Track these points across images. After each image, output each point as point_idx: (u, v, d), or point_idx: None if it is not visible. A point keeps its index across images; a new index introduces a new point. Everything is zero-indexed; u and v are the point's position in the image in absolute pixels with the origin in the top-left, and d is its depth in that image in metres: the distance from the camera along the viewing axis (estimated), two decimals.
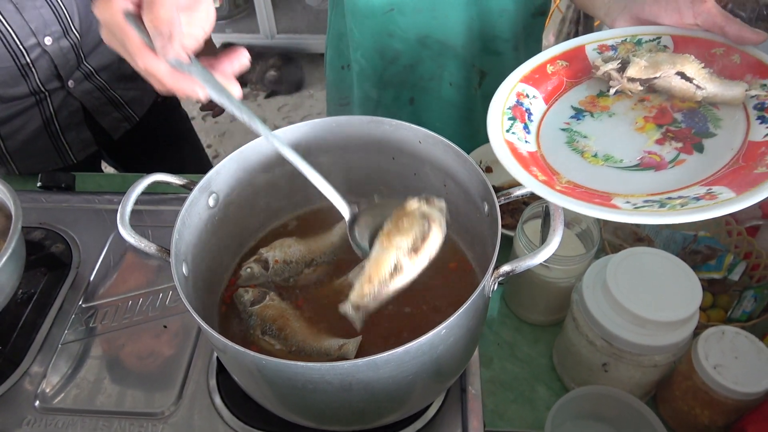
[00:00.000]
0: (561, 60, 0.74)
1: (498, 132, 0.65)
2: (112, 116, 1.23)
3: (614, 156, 0.63)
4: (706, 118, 0.64)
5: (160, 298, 0.81)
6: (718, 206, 0.52)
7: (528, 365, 0.84)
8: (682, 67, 0.64)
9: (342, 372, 0.49)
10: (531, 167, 0.61)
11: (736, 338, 0.70)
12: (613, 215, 0.53)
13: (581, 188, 0.60)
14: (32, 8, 1.01)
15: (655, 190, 0.58)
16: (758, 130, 0.60)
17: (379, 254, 0.56)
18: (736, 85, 0.63)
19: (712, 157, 0.59)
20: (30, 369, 0.75)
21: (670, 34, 0.70)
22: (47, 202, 0.98)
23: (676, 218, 0.52)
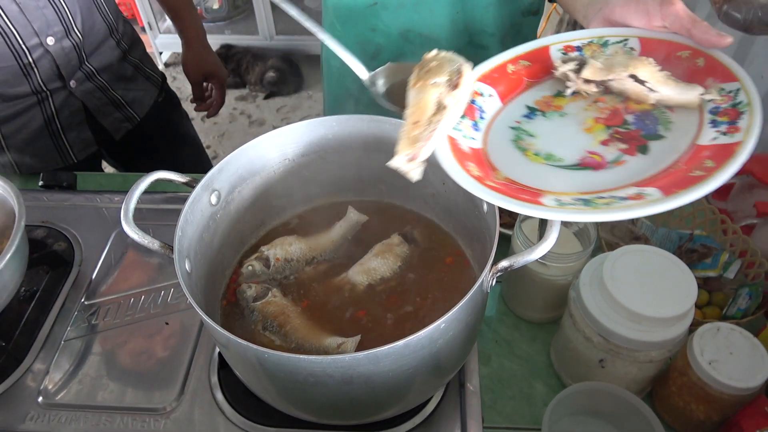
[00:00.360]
0: (523, 60, 0.73)
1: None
2: (113, 116, 1.23)
3: (555, 155, 0.63)
4: (657, 120, 0.64)
5: (161, 296, 0.82)
6: (643, 206, 0.51)
7: (526, 362, 0.84)
8: (635, 70, 0.64)
9: (343, 365, 0.50)
10: (467, 162, 0.61)
11: (731, 334, 0.71)
12: (532, 211, 0.53)
13: (516, 185, 0.60)
14: (35, 8, 1.02)
15: (589, 189, 0.57)
16: (707, 134, 0.59)
17: (418, 97, 0.55)
18: (691, 89, 0.62)
19: (655, 159, 0.59)
20: (33, 366, 0.76)
21: (638, 36, 0.70)
22: (49, 200, 0.99)
23: (595, 216, 0.52)
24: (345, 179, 0.79)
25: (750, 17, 1.02)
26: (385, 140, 0.73)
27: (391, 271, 0.71)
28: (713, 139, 0.57)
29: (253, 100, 3.06)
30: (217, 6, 3.18)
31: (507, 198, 0.55)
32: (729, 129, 0.57)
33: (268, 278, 0.72)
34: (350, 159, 0.76)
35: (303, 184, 0.78)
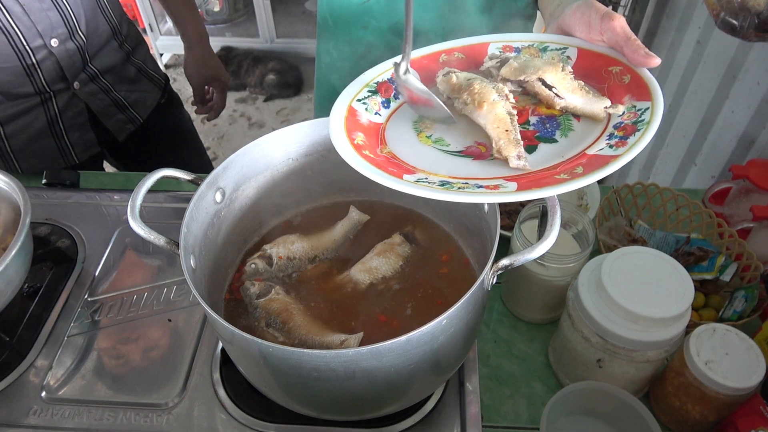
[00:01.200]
0: (458, 52, 0.75)
1: (344, 99, 0.69)
2: (116, 118, 1.24)
3: (444, 140, 0.65)
4: (558, 126, 0.65)
5: (164, 293, 0.83)
6: (491, 194, 0.54)
7: (524, 362, 0.85)
8: (544, 74, 0.65)
9: (346, 360, 0.51)
10: (356, 132, 0.64)
11: (727, 335, 0.72)
12: (385, 181, 0.56)
13: (396, 160, 0.62)
14: (39, 10, 1.03)
15: (460, 174, 0.60)
16: (598, 145, 0.60)
17: (493, 114, 0.61)
18: (598, 101, 0.63)
19: (538, 160, 0.60)
20: (36, 361, 0.77)
21: (577, 47, 0.71)
22: (52, 198, 0.99)
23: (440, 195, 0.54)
24: (347, 179, 0.80)
25: (746, 24, 1.03)
26: None
27: (392, 270, 0.72)
28: (599, 150, 0.58)
29: (253, 103, 3.07)
30: (217, 8, 3.19)
31: (370, 166, 0.58)
32: (617, 143, 0.58)
33: (271, 276, 0.73)
34: None
35: (306, 183, 0.79)
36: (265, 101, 3.06)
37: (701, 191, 1.06)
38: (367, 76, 0.72)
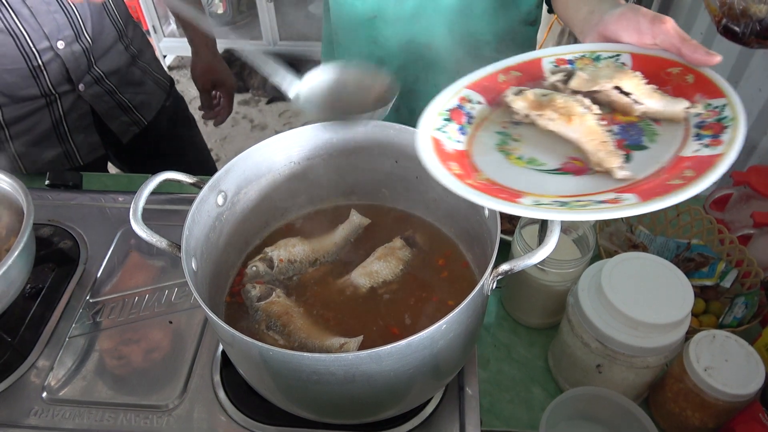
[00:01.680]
0: (515, 70, 0.75)
1: (426, 129, 0.67)
2: (120, 120, 1.25)
3: (538, 159, 0.64)
4: (642, 132, 0.65)
5: (165, 295, 0.83)
6: (617, 209, 0.52)
7: (524, 367, 0.85)
8: (620, 82, 0.65)
9: (346, 363, 0.51)
10: (449, 162, 0.63)
11: (727, 342, 0.72)
12: (508, 208, 0.54)
13: (497, 186, 0.61)
14: (46, 12, 1.03)
15: (568, 192, 0.59)
16: (690, 146, 0.60)
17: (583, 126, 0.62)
18: (677, 103, 0.64)
19: (637, 168, 0.60)
20: (37, 362, 0.77)
21: (630, 52, 0.71)
22: (55, 199, 1.00)
23: (567, 215, 0.53)
24: (349, 183, 0.80)
25: (748, 32, 1.04)
26: (389, 145, 0.74)
27: (393, 274, 0.72)
28: (695, 151, 0.58)
29: (256, 105, 3.08)
30: (221, 11, 3.20)
31: (484, 195, 0.56)
32: (712, 142, 0.58)
33: (272, 279, 0.73)
34: (354, 163, 0.77)
35: (308, 187, 0.79)
36: (267, 103, 3.06)
37: (702, 197, 1.06)
38: (438, 105, 0.71)
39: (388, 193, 0.81)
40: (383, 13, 0.97)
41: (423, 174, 0.74)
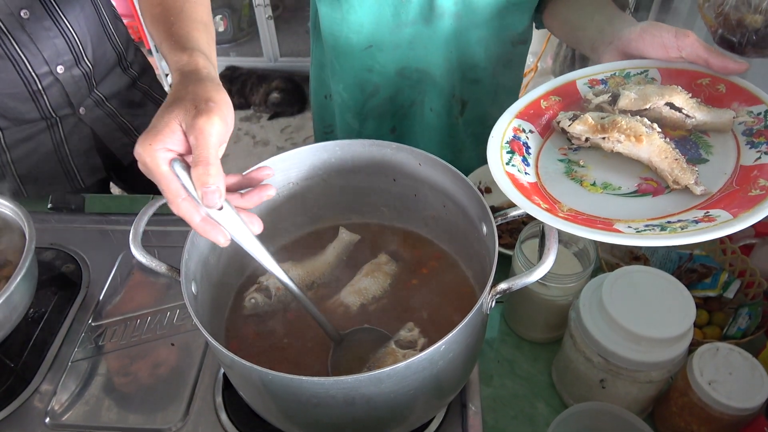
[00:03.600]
0: (553, 95, 0.76)
1: (498, 165, 0.67)
2: (121, 142, 1.25)
3: (612, 184, 0.66)
4: (697, 145, 0.67)
5: (167, 317, 0.83)
6: (718, 228, 0.54)
7: (528, 382, 0.85)
8: (671, 98, 0.67)
9: (345, 386, 0.51)
10: (533, 197, 0.64)
11: (730, 354, 0.71)
12: (617, 239, 0.55)
13: (583, 215, 0.62)
14: (46, 38, 1.04)
15: (654, 214, 0.60)
16: (749, 155, 0.62)
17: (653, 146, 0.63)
18: (724, 113, 0.65)
19: (707, 181, 0.62)
20: (40, 386, 0.77)
21: (657, 67, 0.73)
22: (57, 223, 1.01)
23: (678, 240, 0.54)
24: (348, 202, 0.81)
25: (744, 41, 1.04)
26: (386, 164, 0.74)
27: (381, 290, 0.72)
28: (757, 160, 0.60)
29: (258, 121, 3.09)
30: (222, 29, 3.23)
31: (585, 228, 0.57)
32: None
33: (272, 308, 0.73)
34: (353, 182, 0.78)
35: (306, 207, 0.80)
36: (269, 119, 3.08)
37: None
38: (497, 138, 0.71)
39: (387, 212, 0.81)
40: (379, 43, 0.98)
41: (421, 191, 0.76)
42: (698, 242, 0.53)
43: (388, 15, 0.93)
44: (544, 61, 2.06)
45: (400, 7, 0.92)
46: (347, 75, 1.04)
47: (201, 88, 0.54)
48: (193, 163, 0.50)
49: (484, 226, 0.64)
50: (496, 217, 0.62)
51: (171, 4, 0.67)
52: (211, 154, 0.50)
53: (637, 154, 0.65)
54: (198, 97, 0.53)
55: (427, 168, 0.71)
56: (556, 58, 1.86)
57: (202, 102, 0.52)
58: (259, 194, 0.58)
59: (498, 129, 0.71)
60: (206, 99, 0.53)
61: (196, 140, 0.50)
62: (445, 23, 0.94)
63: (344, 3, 0.93)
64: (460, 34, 0.97)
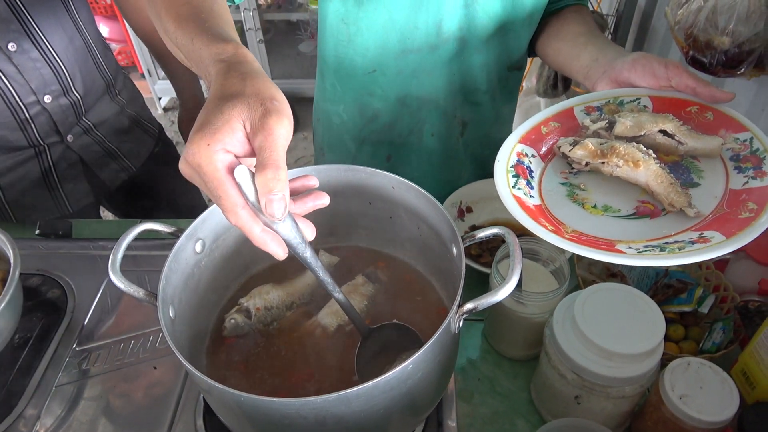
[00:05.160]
0: (553, 121, 0.80)
1: (506, 189, 0.70)
2: (109, 168, 1.27)
3: (612, 206, 0.70)
4: (689, 170, 0.71)
5: (150, 340, 0.85)
6: (713, 248, 0.57)
7: (508, 399, 0.86)
8: (664, 125, 0.71)
9: (315, 407, 0.52)
10: (539, 219, 0.67)
11: (701, 369, 0.73)
12: (621, 259, 0.59)
13: (587, 236, 0.65)
14: (33, 69, 1.06)
15: (651, 236, 0.64)
16: (737, 179, 0.66)
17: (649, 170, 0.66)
18: (712, 140, 0.69)
19: (699, 204, 0.65)
20: (25, 411, 0.78)
21: (649, 96, 0.77)
22: (44, 249, 1.02)
23: (677, 260, 0.58)
24: (326, 225, 0.82)
25: (715, 62, 1.07)
26: (362, 187, 0.76)
27: (358, 311, 0.74)
28: (745, 184, 0.64)
29: None
30: None
31: (591, 249, 0.60)
32: (756, 173, 0.65)
33: (252, 329, 0.75)
34: (330, 206, 0.78)
35: None
36: None
37: None
38: (503, 161, 0.73)
39: (365, 234, 0.83)
40: (383, 68, 1.00)
41: (396, 214, 0.77)
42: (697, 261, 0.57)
43: (394, 41, 0.95)
44: (529, 80, 2.10)
45: (407, 33, 0.94)
46: (348, 97, 1.06)
47: (261, 83, 0.49)
48: (260, 166, 0.45)
49: (454, 247, 0.66)
50: (465, 239, 0.64)
51: (199, 3, 0.62)
52: (281, 158, 0.46)
53: (635, 178, 0.68)
54: (262, 93, 0.48)
55: (401, 192, 0.73)
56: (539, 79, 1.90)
57: (267, 100, 0.47)
58: (314, 201, 0.54)
59: (503, 153, 0.75)
60: (271, 97, 0.48)
61: (265, 141, 0.45)
62: (450, 47, 0.97)
63: (352, 25, 0.95)
64: (464, 57, 1.00)
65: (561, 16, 1.01)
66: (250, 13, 2.87)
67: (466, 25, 0.95)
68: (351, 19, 0.94)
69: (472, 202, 1.07)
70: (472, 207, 1.07)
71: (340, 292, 0.62)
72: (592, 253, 0.60)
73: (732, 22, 0.99)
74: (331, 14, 0.96)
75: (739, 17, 0.98)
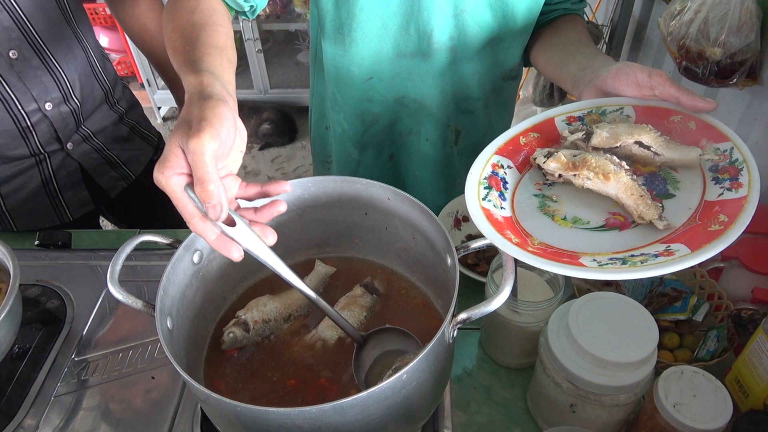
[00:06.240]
0: (533, 132, 0.80)
1: (475, 200, 0.70)
2: (109, 175, 1.28)
3: (582, 218, 0.69)
4: (665, 180, 0.70)
5: (148, 350, 0.85)
6: (674, 262, 0.56)
7: (504, 408, 0.86)
8: (640, 137, 0.71)
9: (311, 417, 0.53)
10: (505, 231, 0.67)
11: (695, 377, 0.73)
12: (579, 273, 0.58)
13: (552, 249, 0.65)
14: (34, 77, 1.07)
15: (619, 248, 0.63)
16: (713, 190, 0.65)
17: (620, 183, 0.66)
18: (690, 150, 0.69)
19: (672, 216, 0.65)
20: (23, 421, 0.78)
21: (632, 105, 0.77)
22: (44, 259, 1.03)
23: (636, 274, 0.57)
24: (322, 236, 0.83)
25: (707, 72, 1.08)
26: (358, 199, 0.77)
27: (357, 322, 0.74)
28: (719, 195, 0.63)
29: (249, 152, 3.13)
30: None
31: (551, 262, 0.60)
32: (732, 185, 0.63)
33: (250, 342, 0.75)
34: (327, 217, 0.80)
35: (283, 242, 0.81)
36: (260, 150, 3.12)
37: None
38: (476, 174, 0.74)
39: (361, 244, 0.84)
40: (379, 74, 1.02)
41: (392, 224, 0.78)
42: (655, 276, 0.56)
43: (388, 46, 0.97)
44: (525, 89, 2.12)
45: (400, 39, 0.97)
46: (348, 105, 1.08)
47: (198, 107, 0.56)
48: (194, 181, 0.54)
49: (449, 257, 0.67)
50: (459, 249, 0.65)
51: (189, 33, 0.70)
52: (207, 172, 0.53)
53: (605, 190, 0.68)
54: (193, 117, 0.55)
55: (396, 202, 0.74)
56: (535, 88, 1.91)
57: (195, 122, 0.54)
58: (270, 210, 0.61)
59: (477, 165, 0.75)
60: (199, 119, 0.55)
61: (192, 161, 0.53)
62: (441, 56, 0.99)
63: (347, 36, 0.97)
64: (455, 67, 1.01)
65: (554, 26, 1.03)
66: (249, 23, 2.89)
67: (456, 35, 0.96)
68: (345, 29, 0.96)
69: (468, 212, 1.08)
70: (469, 217, 1.08)
71: (312, 292, 0.64)
72: (553, 267, 0.59)
73: (724, 33, 1.01)
74: (328, 24, 0.97)
75: (731, 29, 1.00)
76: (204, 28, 0.70)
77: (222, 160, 0.57)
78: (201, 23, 0.71)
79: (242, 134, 0.60)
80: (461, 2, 0.92)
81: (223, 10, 0.79)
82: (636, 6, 1.87)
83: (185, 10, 0.74)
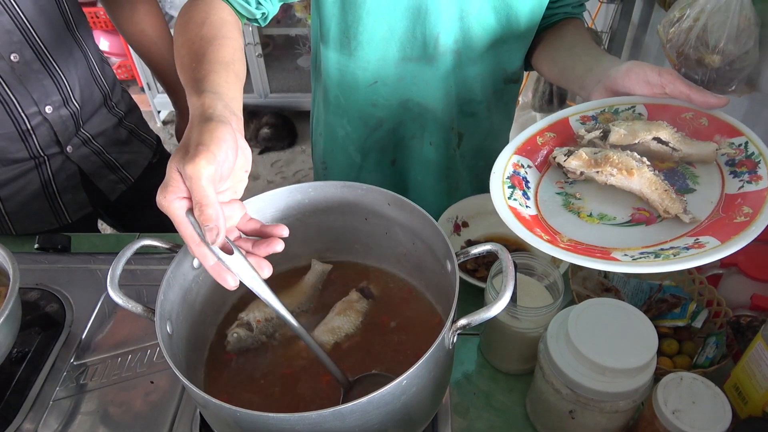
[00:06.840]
0: (549, 132, 0.81)
1: (501, 200, 0.71)
2: (108, 178, 1.28)
3: (608, 214, 0.70)
4: (684, 176, 0.71)
5: (147, 355, 0.85)
6: (708, 254, 0.57)
7: (503, 414, 0.86)
8: (657, 133, 0.72)
9: (310, 422, 0.53)
10: (535, 229, 0.68)
11: (694, 384, 0.73)
12: (614, 267, 0.59)
13: (582, 245, 0.66)
14: (35, 80, 1.08)
15: (647, 242, 0.64)
16: (732, 184, 0.67)
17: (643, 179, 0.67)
18: (707, 145, 0.70)
19: (695, 210, 0.66)
20: (22, 425, 0.78)
21: (643, 103, 0.78)
22: (43, 263, 1.03)
23: (672, 266, 0.58)
24: (323, 241, 0.83)
25: (706, 79, 1.09)
26: (357, 204, 0.77)
27: (354, 327, 0.75)
28: (740, 188, 0.65)
29: None
30: None
31: (586, 258, 0.61)
32: (751, 177, 0.65)
33: (255, 340, 0.75)
34: (327, 222, 0.80)
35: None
36: (260, 154, 3.13)
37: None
38: (499, 173, 0.75)
39: (361, 249, 0.84)
40: (384, 78, 1.02)
41: (391, 229, 0.78)
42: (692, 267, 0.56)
43: (394, 50, 0.98)
44: (525, 95, 2.12)
45: (406, 42, 0.97)
46: (352, 110, 1.08)
47: (198, 131, 0.57)
48: (194, 205, 0.55)
49: (449, 263, 0.67)
50: (459, 255, 0.65)
51: (197, 48, 0.70)
52: (205, 196, 0.54)
53: (629, 186, 0.69)
54: (191, 142, 0.56)
55: (396, 208, 0.74)
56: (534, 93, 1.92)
57: (192, 147, 0.55)
58: (266, 248, 0.63)
59: (499, 164, 0.76)
60: (197, 143, 0.55)
61: (190, 186, 0.54)
62: (446, 59, 0.99)
63: (352, 40, 0.97)
64: (459, 70, 1.02)
65: (556, 29, 1.03)
66: (250, 28, 2.90)
67: (461, 38, 0.97)
68: (351, 33, 0.96)
69: (468, 217, 1.08)
70: (468, 222, 1.08)
71: (301, 327, 0.65)
72: (587, 262, 0.60)
73: (722, 40, 1.01)
74: (333, 29, 0.97)
75: (729, 36, 1.00)
76: (212, 42, 0.70)
77: (222, 181, 0.58)
78: (209, 37, 0.71)
79: (246, 153, 0.61)
80: (466, 5, 0.93)
81: (233, 20, 0.79)
82: (635, 13, 1.88)
83: (195, 23, 0.74)
